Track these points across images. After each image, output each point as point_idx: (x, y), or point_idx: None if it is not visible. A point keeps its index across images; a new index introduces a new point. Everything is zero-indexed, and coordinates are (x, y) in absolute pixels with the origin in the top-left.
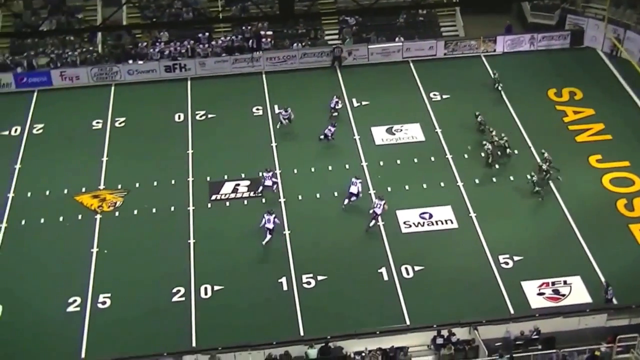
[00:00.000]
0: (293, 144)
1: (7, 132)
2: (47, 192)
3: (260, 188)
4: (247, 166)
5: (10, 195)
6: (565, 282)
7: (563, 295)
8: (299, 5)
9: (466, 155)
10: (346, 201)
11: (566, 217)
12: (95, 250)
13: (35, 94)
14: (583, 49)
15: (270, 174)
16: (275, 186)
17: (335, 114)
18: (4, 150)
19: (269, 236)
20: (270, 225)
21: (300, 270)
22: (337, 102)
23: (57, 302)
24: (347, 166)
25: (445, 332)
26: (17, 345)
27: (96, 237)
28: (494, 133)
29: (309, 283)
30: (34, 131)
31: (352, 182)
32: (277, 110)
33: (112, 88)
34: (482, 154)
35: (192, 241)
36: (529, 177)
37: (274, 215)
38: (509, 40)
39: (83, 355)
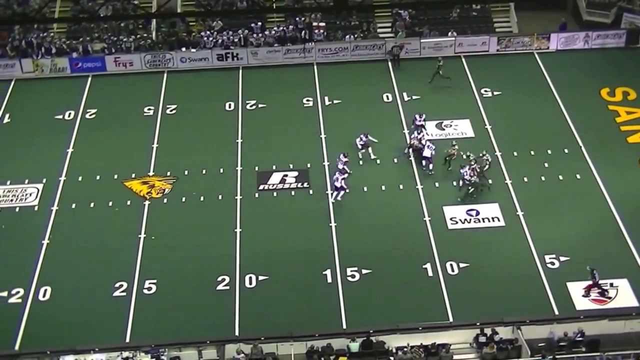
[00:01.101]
0: (343, 136)
1: (61, 116)
2: (98, 177)
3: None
4: (296, 157)
5: (62, 178)
6: (611, 285)
7: (609, 298)
8: None
9: (515, 153)
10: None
11: (615, 218)
12: (142, 236)
13: (90, 79)
14: (639, 49)
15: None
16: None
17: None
18: (58, 133)
19: (336, 192)
20: (337, 184)
21: (345, 263)
22: (364, 141)
23: (104, 286)
24: (395, 160)
25: (488, 331)
26: (64, 327)
27: (144, 223)
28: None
29: (353, 276)
30: (87, 116)
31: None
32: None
33: (165, 75)
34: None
35: (238, 230)
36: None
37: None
38: (562, 38)
39: (127, 340)
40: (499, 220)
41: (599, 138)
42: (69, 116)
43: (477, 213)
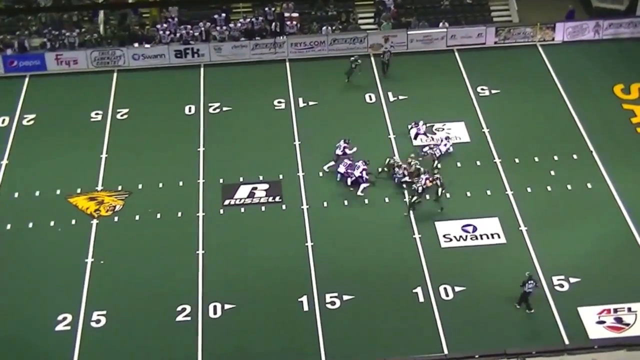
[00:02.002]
0: (320, 143)
1: None
2: (37, 193)
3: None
4: (266, 167)
5: None
6: (629, 309)
7: (627, 324)
8: None
9: (517, 160)
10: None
11: (632, 233)
12: (90, 260)
13: (27, 80)
14: None
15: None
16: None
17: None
18: None
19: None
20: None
21: (323, 288)
22: (344, 148)
23: (45, 319)
24: (379, 169)
25: None
26: None
27: (91, 245)
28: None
29: (333, 303)
30: (24, 122)
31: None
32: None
33: (115, 75)
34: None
35: (201, 252)
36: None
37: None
38: (570, 28)
39: None
40: (499, 236)
41: (612, 141)
42: (2, 123)
43: (474, 229)
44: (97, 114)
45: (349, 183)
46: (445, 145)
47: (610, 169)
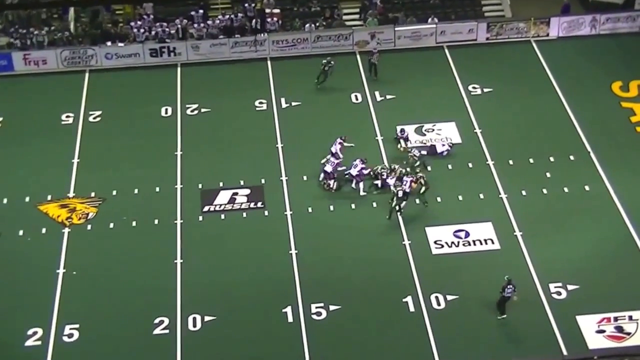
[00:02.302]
0: (303, 146)
1: None
2: (5, 200)
3: (321, 176)
4: (248, 171)
5: None
6: (630, 318)
7: (628, 333)
8: None
9: (511, 162)
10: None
11: (632, 237)
12: (61, 271)
13: None
14: None
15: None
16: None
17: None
18: None
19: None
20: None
21: (308, 298)
22: (340, 144)
23: (14, 334)
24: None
25: None
26: None
27: (63, 255)
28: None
29: (319, 314)
30: None
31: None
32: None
33: (87, 75)
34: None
35: (179, 261)
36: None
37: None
38: (565, 23)
39: None
40: (492, 242)
41: (611, 141)
42: None
43: (467, 234)
44: (68, 116)
45: (332, 185)
46: (444, 145)
47: (608, 170)
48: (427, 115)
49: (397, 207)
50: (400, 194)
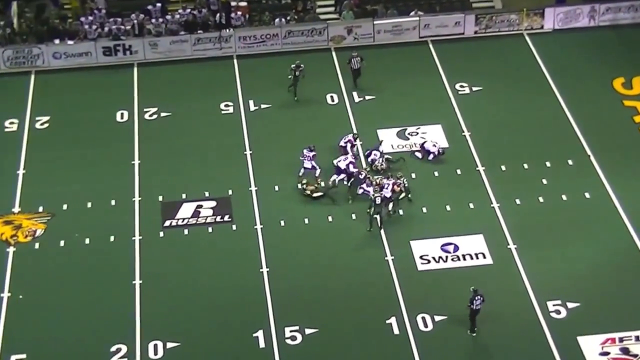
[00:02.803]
0: (274, 152)
1: None
2: None
3: (302, 171)
4: (213, 182)
5: None
6: (637, 338)
7: (635, 355)
8: None
9: (504, 168)
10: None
11: (637, 249)
12: (6, 295)
13: None
14: None
15: (311, 153)
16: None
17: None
18: None
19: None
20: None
21: (282, 321)
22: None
23: None
24: (344, 182)
25: None
26: None
27: (8, 277)
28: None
29: (293, 338)
30: None
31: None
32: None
33: (32, 76)
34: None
35: (138, 282)
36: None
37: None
38: (561, 14)
39: None
40: (484, 256)
41: (613, 143)
42: None
43: (456, 248)
44: (11, 123)
45: (336, 182)
46: (435, 145)
47: (611, 176)
48: (411, 117)
49: (377, 216)
50: (379, 200)
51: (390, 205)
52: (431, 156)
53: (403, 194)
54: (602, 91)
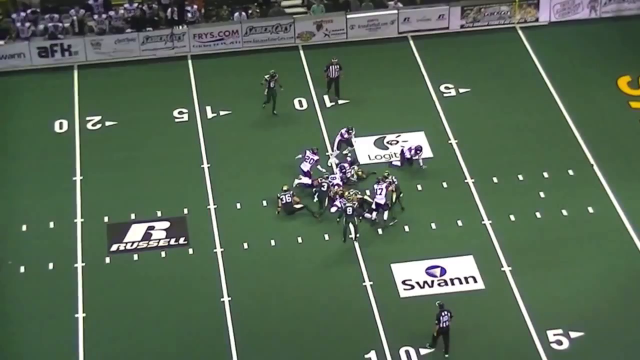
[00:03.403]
0: (236, 166)
1: None
2: None
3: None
4: (166, 199)
5: None
6: None
7: None
8: None
9: (495, 179)
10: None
11: None
12: None
13: None
14: None
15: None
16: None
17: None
18: None
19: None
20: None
21: (245, 357)
22: (346, 134)
23: None
24: (314, 199)
25: None
26: None
27: None
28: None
29: None
30: None
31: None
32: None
33: None
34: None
35: (81, 315)
36: None
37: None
38: (558, 4)
39: None
40: (475, 280)
41: (619, 151)
42: None
43: (443, 271)
44: None
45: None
46: (410, 149)
47: (616, 187)
48: (389, 124)
49: (350, 228)
50: (350, 210)
51: (386, 214)
52: (421, 164)
53: (401, 193)
54: (606, 91)
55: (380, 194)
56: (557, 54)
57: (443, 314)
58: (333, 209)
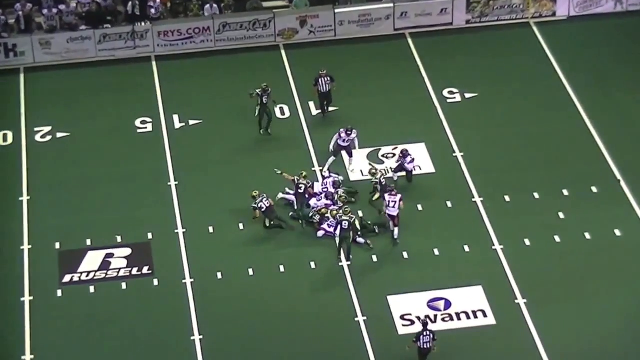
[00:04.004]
0: (207, 183)
1: None
2: None
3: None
4: (127, 223)
5: None
6: None
7: None
8: None
9: (507, 198)
10: None
11: None
12: None
13: None
14: None
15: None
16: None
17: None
18: None
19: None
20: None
21: None
22: (346, 135)
23: None
24: (301, 221)
25: None
26: None
27: None
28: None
29: None
30: None
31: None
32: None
33: None
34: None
35: (28, 357)
36: None
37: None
38: None
39: None
40: (485, 314)
41: None
42: None
43: (448, 304)
44: None
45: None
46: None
47: None
48: (385, 135)
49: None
50: (346, 224)
51: (396, 231)
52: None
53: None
54: (634, 95)
55: (393, 206)
56: (577, 52)
57: (425, 333)
58: (320, 234)
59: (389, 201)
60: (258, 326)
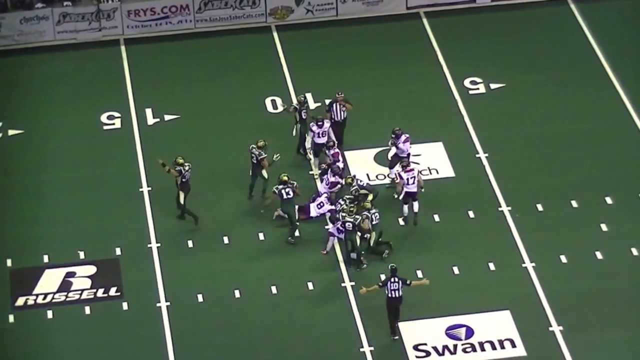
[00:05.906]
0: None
1: None
2: None
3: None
4: (91, 236)
5: None
6: None
7: None
8: None
9: (540, 207)
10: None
11: None
12: None
13: None
14: None
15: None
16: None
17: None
18: None
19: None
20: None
21: None
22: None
23: None
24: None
25: None
26: None
27: None
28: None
29: None
30: None
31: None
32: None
33: None
34: None
35: None
36: None
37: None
38: None
39: None
40: (513, 344)
41: None
42: None
43: (470, 332)
44: None
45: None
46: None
47: None
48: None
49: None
50: (350, 226)
51: (416, 205)
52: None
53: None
54: None
55: (413, 182)
56: (622, 34)
57: (393, 279)
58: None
59: (407, 178)
60: (245, 357)
